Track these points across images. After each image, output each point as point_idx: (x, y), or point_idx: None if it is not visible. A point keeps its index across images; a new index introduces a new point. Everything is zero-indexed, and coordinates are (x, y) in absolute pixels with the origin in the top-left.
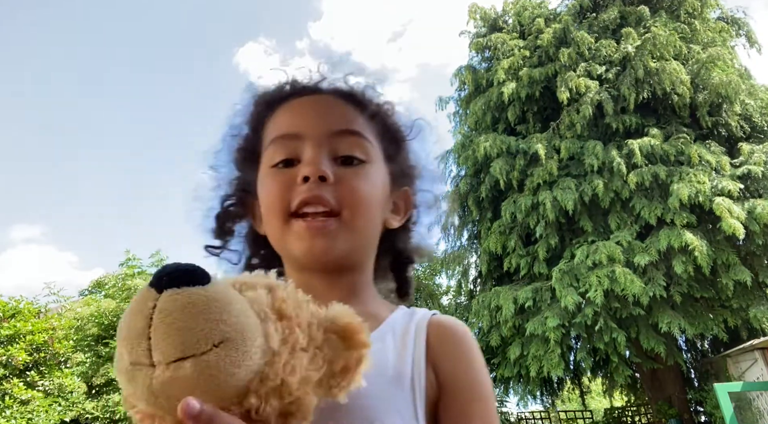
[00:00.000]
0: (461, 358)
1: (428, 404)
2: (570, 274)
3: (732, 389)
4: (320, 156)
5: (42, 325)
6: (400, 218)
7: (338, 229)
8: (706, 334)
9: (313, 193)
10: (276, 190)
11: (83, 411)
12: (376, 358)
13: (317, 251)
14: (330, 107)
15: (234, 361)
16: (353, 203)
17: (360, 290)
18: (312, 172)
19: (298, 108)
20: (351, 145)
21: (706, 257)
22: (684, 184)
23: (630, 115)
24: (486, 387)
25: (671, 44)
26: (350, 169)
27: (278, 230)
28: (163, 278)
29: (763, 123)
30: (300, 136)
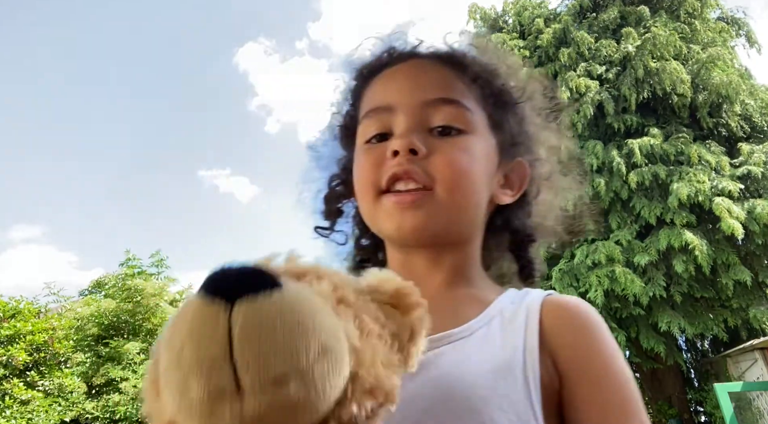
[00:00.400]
0: (583, 342)
1: (546, 397)
2: (570, 274)
3: (732, 389)
4: (412, 128)
5: (42, 325)
6: (513, 192)
7: (431, 204)
8: (706, 334)
9: (403, 167)
10: (366, 167)
11: (83, 411)
12: (482, 345)
13: (407, 226)
14: (424, 74)
15: (336, 369)
16: (448, 177)
17: (465, 269)
18: (401, 145)
19: (390, 78)
20: (447, 115)
21: (706, 256)
22: (684, 184)
23: (630, 115)
24: (617, 373)
25: (671, 44)
26: (446, 140)
27: (369, 208)
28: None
29: (763, 123)
30: (391, 108)
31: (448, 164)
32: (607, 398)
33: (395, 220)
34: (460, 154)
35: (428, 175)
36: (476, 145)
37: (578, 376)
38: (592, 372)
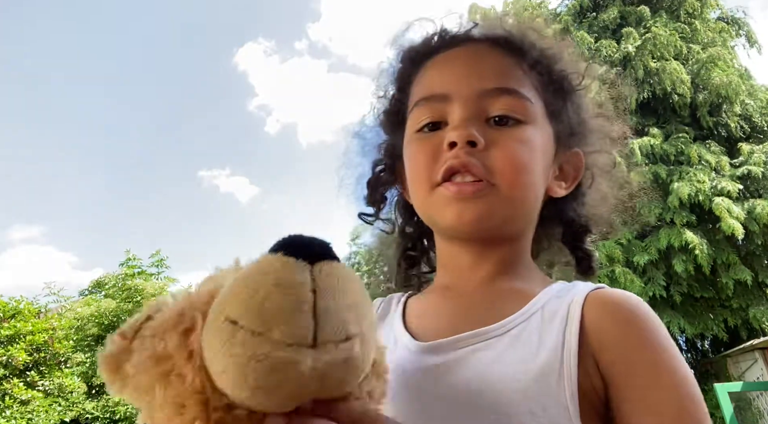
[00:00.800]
0: (629, 340)
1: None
2: (570, 273)
3: (732, 389)
4: (469, 118)
5: (42, 325)
6: (567, 184)
7: (492, 196)
8: (706, 334)
9: (461, 160)
10: (421, 158)
11: (83, 411)
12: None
13: (467, 218)
14: (481, 60)
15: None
16: (508, 170)
17: (511, 263)
18: (460, 136)
19: (444, 64)
20: (505, 105)
21: (706, 256)
22: (684, 184)
23: (630, 114)
24: (670, 371)
25: (671, 44)
26: (505, 131)
27: (424, 200)
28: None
29: (763, 123)
30: (447, 96)
31: (508, 158)
32: (659, 401)
33: (454, 210)
34: (520, 146)
35: (487, 169)
36: (535, 137)
37: (625, 378)
38: (640, 373)
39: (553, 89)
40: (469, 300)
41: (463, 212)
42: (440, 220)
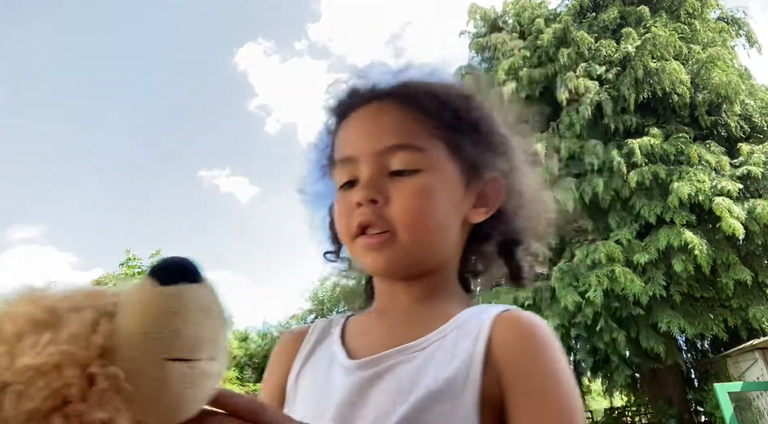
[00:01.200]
0: (527, 356)
1: (488, 410)
2: (570, 273)
3: (732, 389)
4: (372, 178)
5: None
6: (487, 209)
7: (395, 245)
8: (706, 334)
9: (366, 217)
10: (340, 214)
11: None
12: (434, 358)
13: (379, 266)
14: (380, 120)
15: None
16: (406, 221)
17: (435, 289)
18: (362, 197)
19: (351, 126)
20: (401, 159)
21: (706, 256)
22: (684, 183)
23: (630, 115)
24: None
25: (671, 44)
26: (403, 183)
27: (349, 249)
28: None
29: (763, 123)
30: (354, 158)
31: (404, 209)
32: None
33: (368, 259)
34: (415, 196)
35: (388, 221)
36: (433, 181)
37: (518, 389)
38: (531, 385)
39: (453, 129)
40: (397, 320)
41: (375, 260)
42: (361, 265)
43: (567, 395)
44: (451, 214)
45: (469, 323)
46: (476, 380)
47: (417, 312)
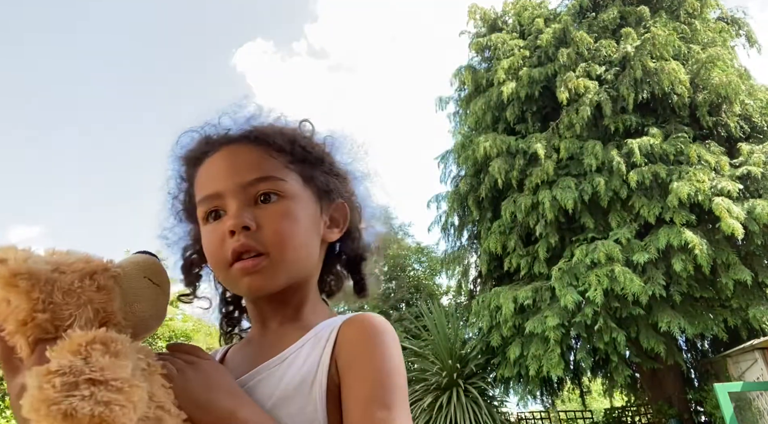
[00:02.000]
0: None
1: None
2: (569, 273)
3: (732, 389)
4: (240, 207)
5: None
6: (339, 229)
7: (269, 266)
8: (706, 334)
9: (241, 243)
10: (211, 245)
11: None
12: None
13: (255, 286)
14: (239, 158)
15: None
16: (277, 242)
17: (302, 305)
18: (235, 225)
19: (212, 167)
20: (265, 188)
21: (706, 256)
22: (683, 183)
23: (629, 114)
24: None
25: (671, 44)
26: (270, 208)
27: (224, 277)
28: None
29: (763, 123)
30: (219, 194)
31: (275, 232)
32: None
33: (245, 283)
34: (282, 220)
35: (262, 244)
36: (294, 207)
37: (346, 373)
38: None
39: (303, 160)
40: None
41: (252, 282)
42: (238, 291)
43: (387, 373)
44: (312, 234)
45: (324, 330)
46: (322, 378)
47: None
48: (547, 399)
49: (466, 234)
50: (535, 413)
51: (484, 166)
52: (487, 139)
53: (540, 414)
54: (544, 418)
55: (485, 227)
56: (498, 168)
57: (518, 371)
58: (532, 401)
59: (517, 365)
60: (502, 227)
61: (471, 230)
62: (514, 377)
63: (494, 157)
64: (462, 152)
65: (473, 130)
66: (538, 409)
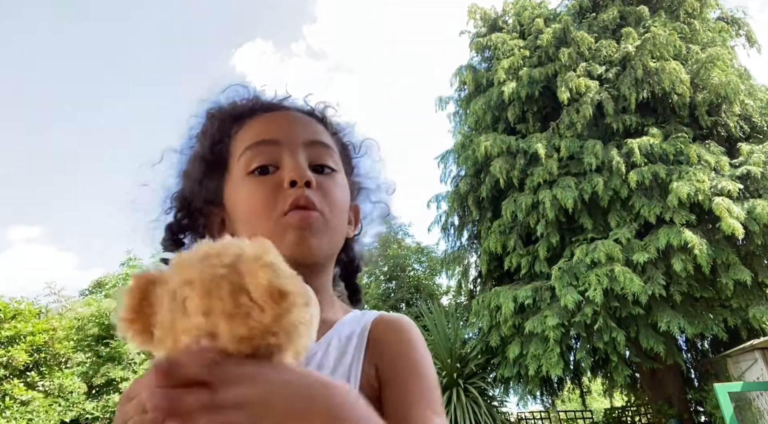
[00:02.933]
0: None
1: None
2: (569, 273)
3: (732, 389)
4: (302, 162)
5: (42, 326)
6: (353, 229)
7: (322, 228)
8: (706, 334)
9: (305, 195)
10: (261, 196)
11: (83, 411)
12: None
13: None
14: (302, 119)
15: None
16: (332, 208)
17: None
18: (300, 176)
19: (273, 118)
20: (324, 155)
21: (706, 256)
22: (683, 183)
23: (630, 114)
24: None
25: (671, 44)
26: (324, 177)
27: (269, 230)
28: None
29: (763, 123)
30: (278, 142)
31: (331, 196)
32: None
33: (296, 235)
34: (337, 189)
35: (320, 205)
36: (344, 184)
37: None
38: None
39: (344, 154)
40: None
41: (303, 237)
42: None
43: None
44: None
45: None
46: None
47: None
48: (547, 399)
49: (466, 234)
50: (535, 413)
51: (485, 166)
52: (487, 139)
53: (540, 414)
54: (544, 418)
55: (485, 227)
56: (499, 168)
57: (518, 371)
58: (532, 401)
59: (517, 364)
60: (502, 227)
61: (471, 230)
62: (513, 376)
63: (495, 156)
64: (462, 152)
65: (473, 130)
66: (538, 409)
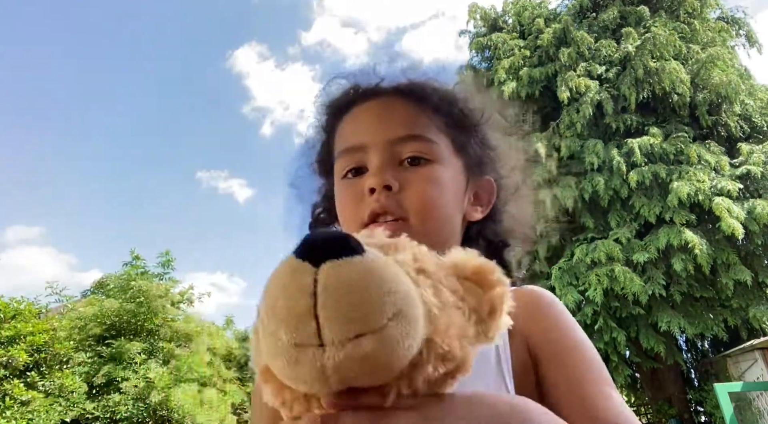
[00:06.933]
0: (550, 321)
1: (517, 375)
2: (569, 272)
3: (732, 389)
4: (384, 165)
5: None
6: (482, 208)
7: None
8: (706, 334)
9: (380, 203)
10: (347, 203)
11: (84, 411)
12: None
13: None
14: (390, 112)
15: (409, 332)
16: (420, 208)
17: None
18: (377, 183)
19: (358, 118)
20: (414, 148)
21: (706, 256)
22: (684, 183)
23: (630, 114)
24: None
25: (671, 44)
26: (416, 171)
27: None
28: (317, 249)
29: (763, 123)
30: (364, 146)
31: (419, 197)
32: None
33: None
34: (429, 185)
35: (403, 208)
36: (443, 173)
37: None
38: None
39: (457, 127)
40: None
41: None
42: None
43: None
44: (456, 208)
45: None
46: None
47: None
48: None
49: None
50: None
51: None
52: None
53: None
54: None
55: None
56: None
57: None
58: None
59: None
60: None
61: None
62: None
63: None
64: None
65: None
66: None
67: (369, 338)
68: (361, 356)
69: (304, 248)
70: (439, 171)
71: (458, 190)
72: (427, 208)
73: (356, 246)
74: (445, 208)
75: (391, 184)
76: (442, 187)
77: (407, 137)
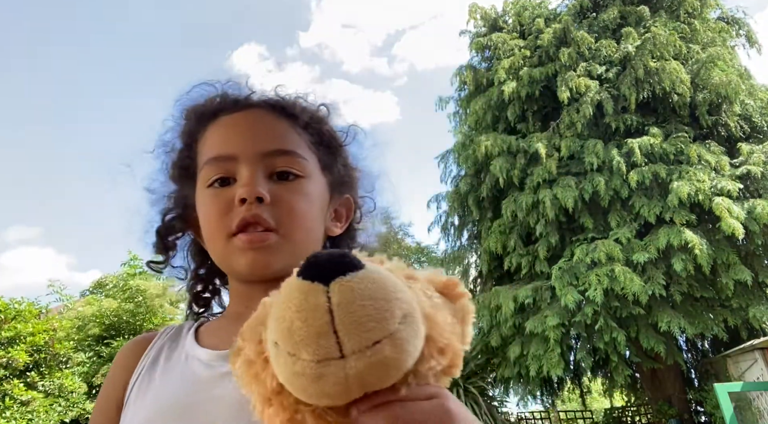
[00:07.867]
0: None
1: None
2: (569, 272)
3: (732, 389)
4: (255, 176)
5: (43, 326)
6: (341, 224)
7: (277, 244)
8: (706, 334)
9: (252, 213)
10: (214, 211)
11: (83, 411)
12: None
13: (259, 265)
14: (261, 124)
15: (417, 332)
16: (290, 220)
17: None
18: (249, 193)
19: (229, 127)
20: (286, 163)
21: (706, 256)
22: (684, 182)
23: (630, 114)
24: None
25: (671, 44)
26: (285, 185)
27: (221, 248)
28: (325, 269)
29: (763, 123)
30: (234, 157)
31: (289, 209)
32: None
33: (248, 258)
34: (298, 198)
35: (274, 220)
36: (311, 188)
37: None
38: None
39: (324, 146)
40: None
41: (256, 258)
42: (236, 266)
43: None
44: (320, 223)
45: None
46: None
47: None
48: (547, 399)
49: (466, 234)
50: (535, 413)
51: (485, 166)
52: (488, 139)
53: (540, 414)
54: (544, 418)
55: (485, 227)
56: (499, 167)
57: (518, 371)
58: (532, 401)
59: (517, 364)
60: (502, 227)
61: (471, 230)
62: (514, 376)
63: (495, 156)
64: (462, 152)
65: (473, 130)
66: (538, 409)
67: (386, 343)
68: (380, 360)
69: (312, 270)
70: (309, 186)
71: (323, 206)
72: (297, 221)
73: (357, 261)
74: (312, 222)
75: (264, 196)
76: (311, 202)
77: (279, 152)
